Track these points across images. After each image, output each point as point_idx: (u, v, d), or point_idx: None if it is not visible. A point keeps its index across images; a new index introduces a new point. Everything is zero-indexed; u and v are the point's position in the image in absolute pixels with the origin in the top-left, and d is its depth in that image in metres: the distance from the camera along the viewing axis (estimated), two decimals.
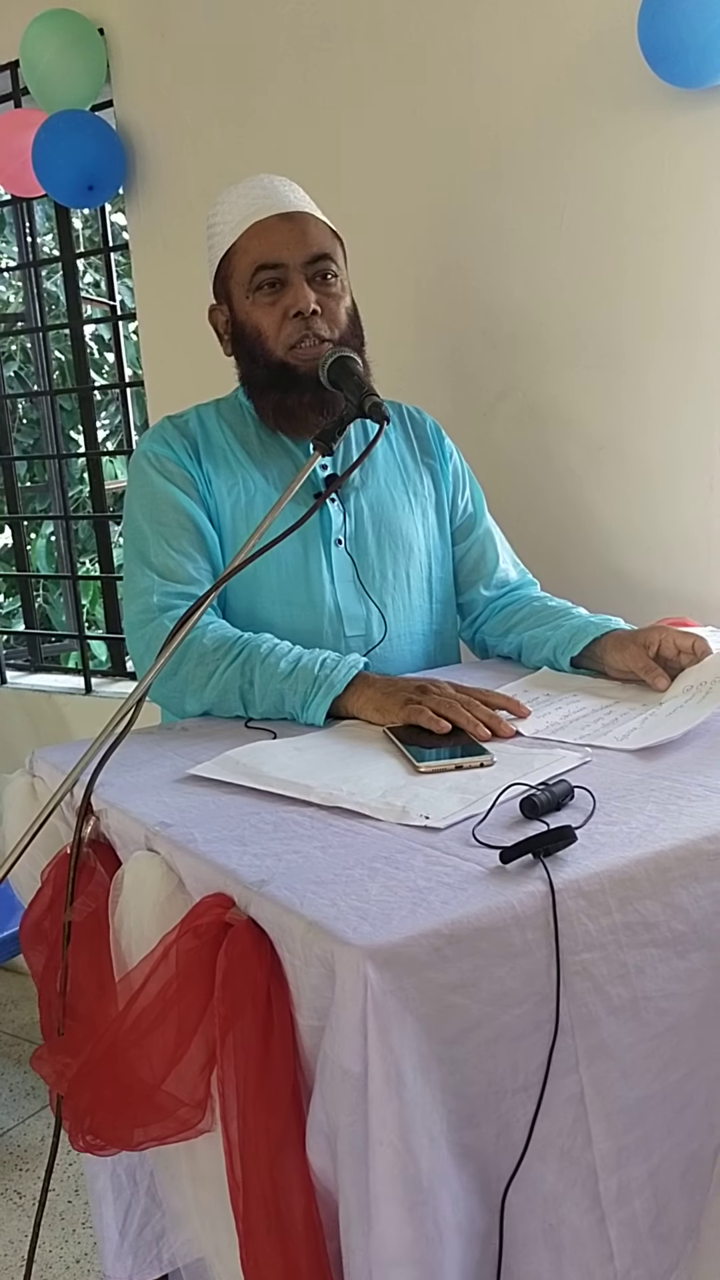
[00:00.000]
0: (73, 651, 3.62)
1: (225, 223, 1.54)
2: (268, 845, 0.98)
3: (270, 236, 1.50)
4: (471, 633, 1.76)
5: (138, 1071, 0.92)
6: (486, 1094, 0.84)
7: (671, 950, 0.93)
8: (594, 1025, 0.88)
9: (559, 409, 2.06)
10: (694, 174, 1.82)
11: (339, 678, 1.35)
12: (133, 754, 1.25)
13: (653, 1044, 0.92)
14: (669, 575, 1.98)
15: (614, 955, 0.89)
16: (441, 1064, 0.81)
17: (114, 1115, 0.96)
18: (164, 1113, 0.92)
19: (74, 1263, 1.88)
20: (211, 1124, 0.94)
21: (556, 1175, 0.88)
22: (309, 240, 1.50)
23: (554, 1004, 0.85)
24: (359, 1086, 0.78)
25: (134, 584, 1.51)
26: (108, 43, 2.50)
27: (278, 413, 1.54)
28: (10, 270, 4.18)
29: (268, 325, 1.50)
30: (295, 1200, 0.84)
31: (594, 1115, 0.89)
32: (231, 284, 1.54)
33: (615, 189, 1.90)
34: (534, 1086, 0.86)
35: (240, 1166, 0.84)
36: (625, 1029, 0.90)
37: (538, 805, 0.99)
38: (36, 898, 1.16)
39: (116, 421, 5.38)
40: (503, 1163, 0.86)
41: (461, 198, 2.08)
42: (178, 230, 2.49)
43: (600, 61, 1.87)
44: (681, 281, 1.87)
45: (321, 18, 2.18)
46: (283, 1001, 0.85)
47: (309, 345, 1.49)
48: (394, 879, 0.89)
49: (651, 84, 1.78)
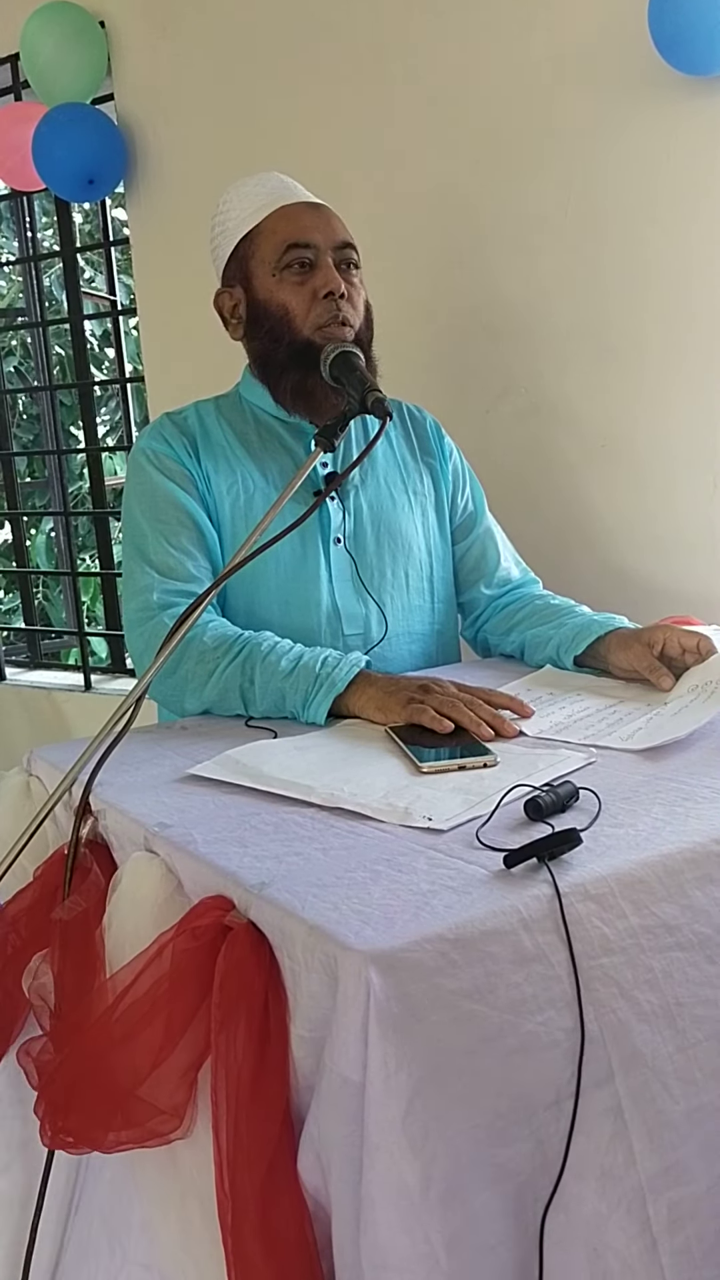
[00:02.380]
0: (72, 648, 3.61)
1: (243, 208, 1.55)
2: (268, 847, 0.97)
3: (300, 220, 1.52)
4: (474, 632, 1.75)
5: (118, 1071, 0.90)
6: (516, 1108, 0.81)
7: (700, 954, 0.90)
8: (626, 1033, 0.86)
9: (561, 406, 2.04)
10: (699, 169, 1.80)
11: (340, 676, 1.34)
12: (131, 753, 1.24)
13: (694, 1053, 0.89)
14: (671, 573, 1.97)
15: (637, 959, 0.87)
16: (462, 1074, 0.79)
17: (89, 1115, 0.94)
18: (135, 1120, 0.90)
19: None
20: (187, 1131, 0.92)
21: (598, 1196, 0.84)
22: (335, 228, 1.53)
23: (577, 1010, 0.83)
24: (358, 1094, 0.76)
25: (133, 581, 1.49)
26: (109, 36, 2.49)
27: (296, 394, 1.54)
28: (10, 265, 4.17)
29: (296, 304, 1.50)
30: (287, 1213, 0.82)
31: (635, 1130, 0.85)
32: (253, 264, 1.53)
33: (619, 183, 1.89)
34: (566, 1100, 0.83)
35: (230, 1177, 0.82)
36: (661, 1037, 0.87)
37: (542, 807, 0.98)
38: (19, 895, 1.14)
39: (117, 417, 5.37)
40: (540, 1182, 0.82)
41: (463, 192, 2.07)
42: (178, 225, 2.48)
43: (605, 51, 1.85)
44: (687, 277, 1.85)
45: (322, 10, 2.16)
46: (279, 1009, 0.83)
47: (336, 328, 1.50)
48: (397, 882, 0.88)
49: (658, 74, 1.77)
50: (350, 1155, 0.77)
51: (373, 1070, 0.76)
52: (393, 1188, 0.76)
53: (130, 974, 0.91)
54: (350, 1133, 0.77)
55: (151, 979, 0.89)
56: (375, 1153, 0.76)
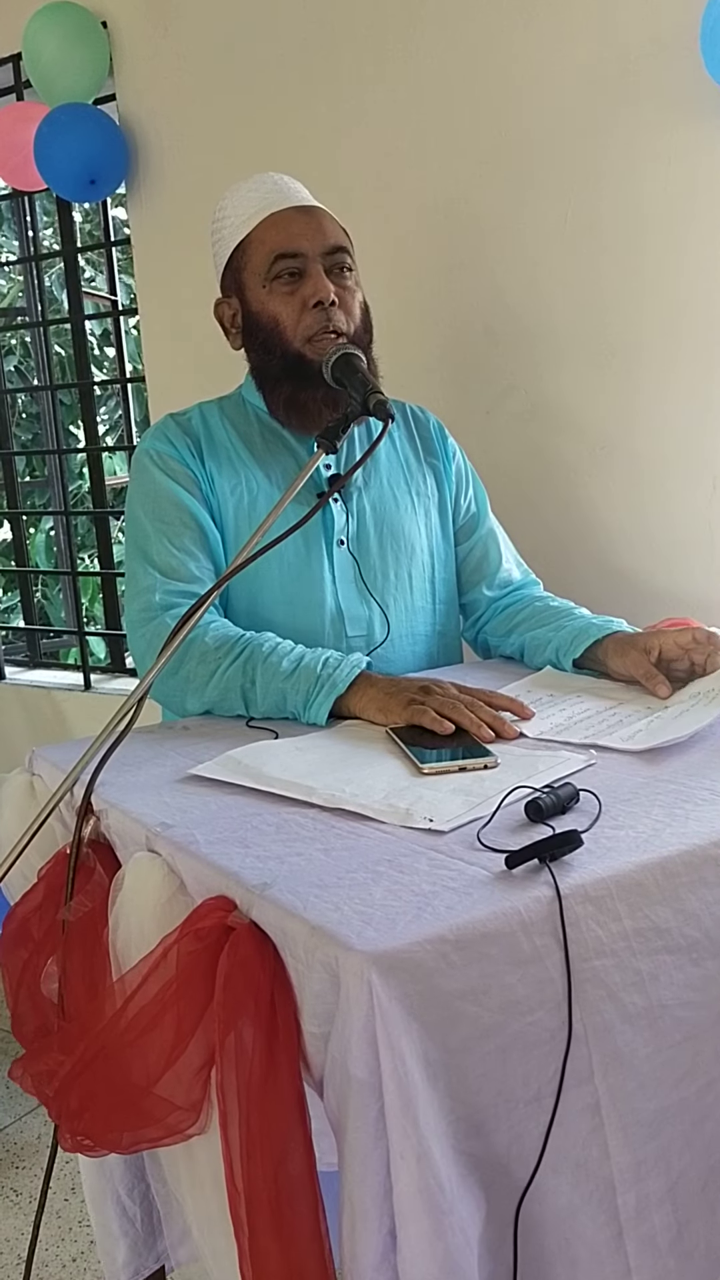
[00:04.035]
0: (72, 648, 3.61)
1: (236, 216, 1.54)
2: (270, 847, 0.97)
3: (288, 227, 1.50)
4: (474, 633, 1.75)
5: (131, 1073, 0.91)
6: (496, 1103, 0.83)
7: (686, 958, 0.91)
8: (609, 1034, 0.87)
9: (561, 408, 2.05)
10: (699, 170, 1.81)
11: (341, 677, 1.34)
12: (133, 753, 1.24)
13: (670, 1053, 0.90)
14: (670, 575, 1.98)
15: (627, 962, 0.88)
16: (449, 1071, 0.80)
17: (105, 1117, 0.95)
18: (154, 1117, 0.91)
19: (70, 1261, 1.87)
20: (204, 1127, 0.93)
21: (572, 1188, 0.86)
22: (326, 232, 1.51)
23: (566, 1012, 0.84)
24: (366, 1093, 0.77)
25: (135, 582, 1.50)
26: (111, 36, 2.49)
27: (289, 407, 1.54)
28: (10, 264, 4.17)
29: (286, 315, 1.50)
30: (301, 1206, 0.83)
31: (610, 1127, 0.87)
32: (245, 275, 1.53)
33: (619, 186, 1.89)
34: (548, 1097, 0.84)
35: (243, 1172, 0.83)
36: (642, 1038, 0.89)
37: (543, 809, 0.98)
38: (26, 896, 1.15)
39: (117, 417, 5.37)
40: (516, 1174, 0.84)
41: (465, 195, 2.07)
42: (179, 225, 2.48)
43: (603, 60, 1.86)
44: (685, 279, 1.86)
45: (325, 12, 2.16)
46: (287, 1006, 0.84)
47: (327, 339, 1.48)
48: (398, 883, 0.88)
49: (655, 82, 1.77)
50: (362, 1152, 0.78)
51: (386, 1073, 0.76)
52: (420, 1195, 0.77)
53: (137, 977, 0.91)
54: (359, 1127, 0.78)
55: (159, 981, 0.89)
56: (400, 1161, 0.77)
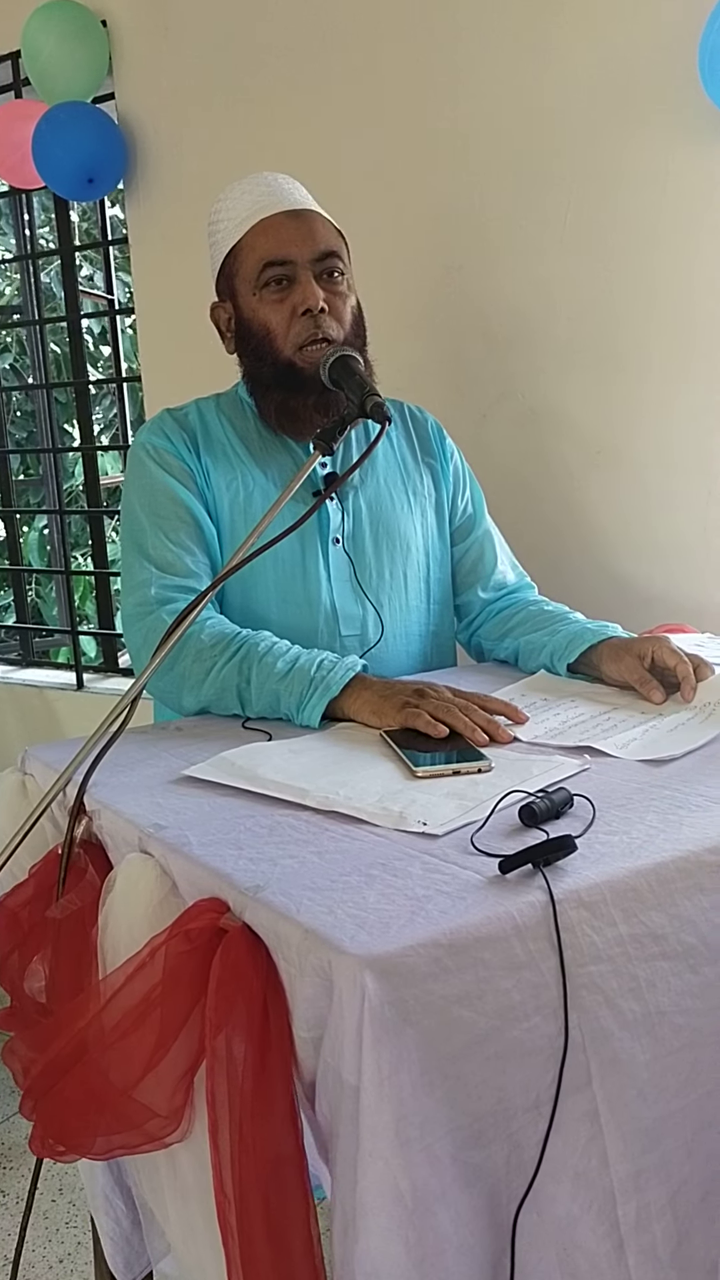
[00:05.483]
0: (64, 646, 3.60)
1: (229, 220, 1.53)
2: (263, 849, 0.97)
3: (278, 233, 1.49)
4: (468, 635, 1.75)
5: (109, 1076, 0.89)
6: (495, 1111, 0.82)
7: (684, 964, 0.91)
8: (607, 1040, 0.86)
9: (558, 412, 2.05)
10: (694, 179, 1.81)
11: (335, 679, 1.33)
12: (127, 754, 1.24)
13: (669, 1061, 0.90)
14: (667, 580, 1.98)
15: (624, 968, 0.88)
16: (447, 1079, 0.79)
17: (78, 1120, 0.93)
18: (132, 1122, 0.89)
19: (57, 1262, 1.87)
20: (185, 1135, 0.91)
21: (571, 1197, 0.86)
22: (316, 237, 1.50)
23: (563, 1018, 0.84)
24: (354, 1097, 0.76)
25: (132, 576, 1.49)
26: (110, 35, 2.49)
27: (281, 414, 1.53)
28: (7, 262, 4.16)
29: (276, 323, 1.49)
30: (293, 1213, 0.82)
31: (610, 1135, 0.87)
32: (237, 281, 1.53)
33: (616, 193, 1.89)
34: (545, 1104, 0.84)
35: (234, 1178, 0.82)
36: (640, 1045, 0.88)
37: (537, 813, 0.98)
38: (16, 890, 1.14)
39: (112, 415, 5.36)
40: (514, 1183, 0.83)
41: (463, 199, 2.07)
42: (177, 224, 2.48)
43: (606, 67, 1.86)
44: (681, 286, 1.86)
45: (324, 14, 2.16)
46: (280, 1010, 0.83)
47: (317, 348, 1.48)
48: (392, 886, 0.88)
49: (662, 95, 1.78)
50: (348, 1156, 0.77)
51: (367, 1075, 0.76)
52: (385, 1194, 0.76)
53: (122, 976, 0.90)
54: (346, 1133, 0.77)
55: (144, 982, 0.88)
56: (369, 1159, 0.76)
